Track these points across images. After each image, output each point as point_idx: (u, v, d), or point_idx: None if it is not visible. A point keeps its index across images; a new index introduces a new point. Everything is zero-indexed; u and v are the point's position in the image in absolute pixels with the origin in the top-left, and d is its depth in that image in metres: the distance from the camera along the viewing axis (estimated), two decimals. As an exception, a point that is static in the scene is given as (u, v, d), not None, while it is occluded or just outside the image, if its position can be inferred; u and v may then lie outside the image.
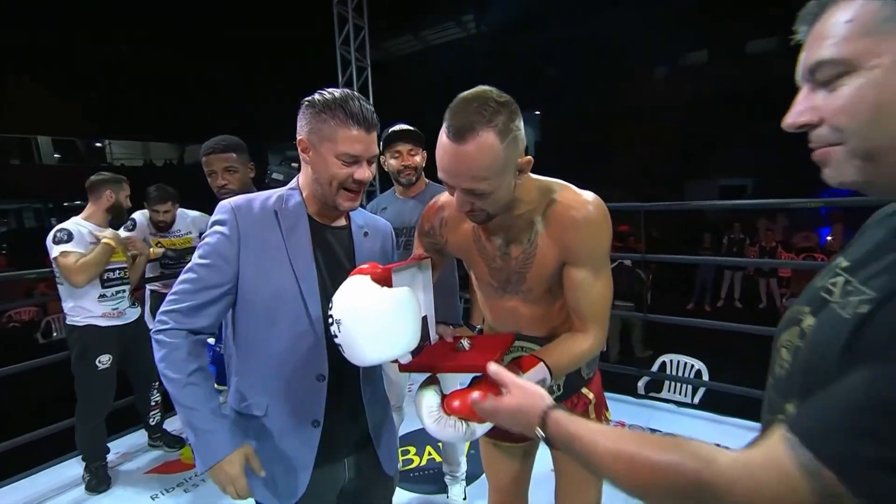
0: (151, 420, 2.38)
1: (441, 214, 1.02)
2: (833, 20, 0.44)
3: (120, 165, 14.35)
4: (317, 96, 0.93)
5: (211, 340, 1.77)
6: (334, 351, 0.85)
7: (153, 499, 2.03)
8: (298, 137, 0.95)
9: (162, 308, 0.93)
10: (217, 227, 0.95)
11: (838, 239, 7.66)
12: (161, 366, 0.91)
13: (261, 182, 1.74)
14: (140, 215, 2.63)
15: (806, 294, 0.55)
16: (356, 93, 0.95)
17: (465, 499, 1.87)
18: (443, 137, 0.80)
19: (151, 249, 2.52)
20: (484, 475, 1.24)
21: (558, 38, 10.00)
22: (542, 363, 0.86)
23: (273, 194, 0.99)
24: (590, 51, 10.01)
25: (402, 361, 0.83)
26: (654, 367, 3.21)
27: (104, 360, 2.10)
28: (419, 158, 1.76)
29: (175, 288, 0.93)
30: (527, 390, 0.69)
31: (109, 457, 2.27)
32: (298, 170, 1.02)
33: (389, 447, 1.10)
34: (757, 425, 0.64)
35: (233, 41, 11.67)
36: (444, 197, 1.02)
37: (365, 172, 0.93)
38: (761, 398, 0.59)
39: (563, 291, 0.94)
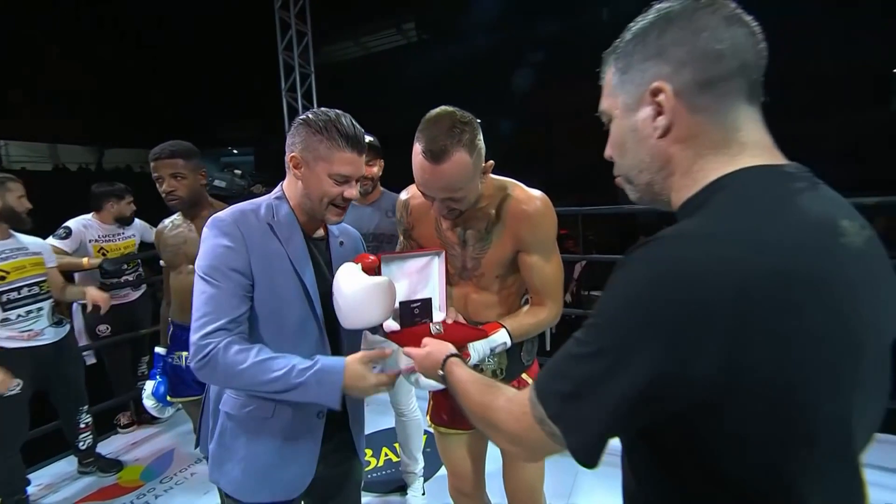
0: (82, 444, 2.19)
1: (407, 205, 1.19)
2: (604, 80, 0.61)
3: (20, 169, 12.86)
4: (312, 116, 0.98)
5: (161, 351, 1.70)
6: (335, 345, 1.01)
7: (88, 528, 1.90)
8: (290, 153, 0.99)
9: (199, 333, 0.90)
10: (219, 241, 0.94)
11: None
12: (221, 378, 0.92)
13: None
14: (78, 223, 2.44)
15: None
16: (347, 114, 0.99)
17: (423, 494, 1.92)
18: (419, 157, 0.95)
19: (85, 260, 2.35)
20: (440, 471, 1.32)
21: (495, 46, 10.35)
22: (503, 328, 1.03)
23: (261, 205, 1.02)
24: (525, 59, 10.47)
25: (386, 329, 1.03)
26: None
27: (11, 387, 1.85)
28: (376, 169, 1.78)
29: (201, 310, 0.92)
30: (438, 343, 0.87)
31: (31, 489, 2.08)
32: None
33: (360, 433, 1.16)
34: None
35: (167, 40, 10.99)
36: (410, 190, 1.17)
37: (353, 191, 0.99)
38: None
39: (519, 275, 1.11)
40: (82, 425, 2.18)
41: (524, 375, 1.20)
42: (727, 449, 0.46)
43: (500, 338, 1.03)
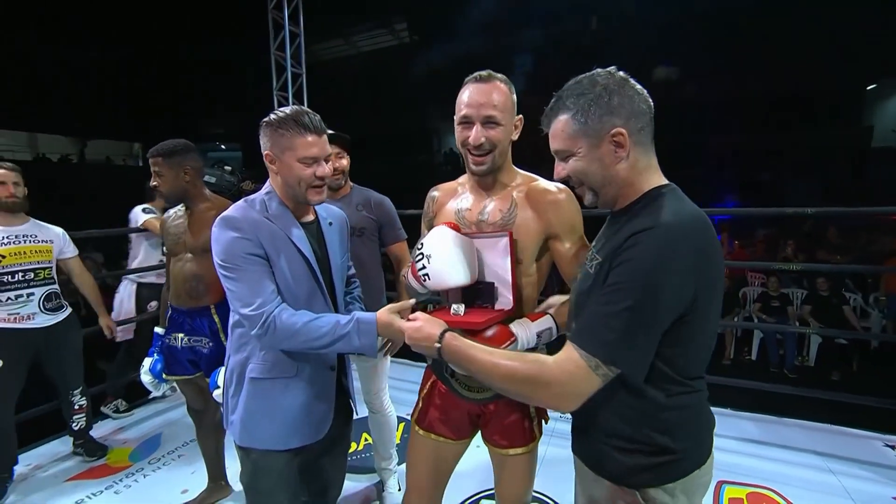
0: (75, 424, 2.27)
1: (434, 198, 1.25)
2: (555, 128, 0.87)
3: (-2, 157, 12.55)
4: (272, 116, 1.13)
5: (160, 331, 1.81)
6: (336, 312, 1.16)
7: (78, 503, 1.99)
8: (264, 152, 1.14)
9: (248, 309, 1.05)
10: (233, 234, 1.08)
11: (724, 245, 8.92)
12: (282, 339, 1.06)
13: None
14: None
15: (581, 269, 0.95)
16: (303, 106, 1.16)
17: (399, 490, 1.97)
18: (466, 86, 1.06)
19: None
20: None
21: (483, 51, 10.52)
22: (548, 315, 1.04)
23: (255, 202, 1.15)
24: (515, 63, 10.68)
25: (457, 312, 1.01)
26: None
27: None
28: (346, 162, 1.79)
29: (238, 292, 1.07)
30: (430, 318, 0.94)
31: (22, 468, 2.16)
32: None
33: (355, 398, 1.36)
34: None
35: (157, 33, 10.90)
36: (438, 187, 1.26)
37: (324, 169, 1.14)
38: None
39: (539, 268, 1.11)
40: (76, 406, 2.26)
41: None
42: (683, 343, 0.77)
43: (546, 323, 1.02)
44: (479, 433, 1.23)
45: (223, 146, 15.42)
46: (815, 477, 2.03)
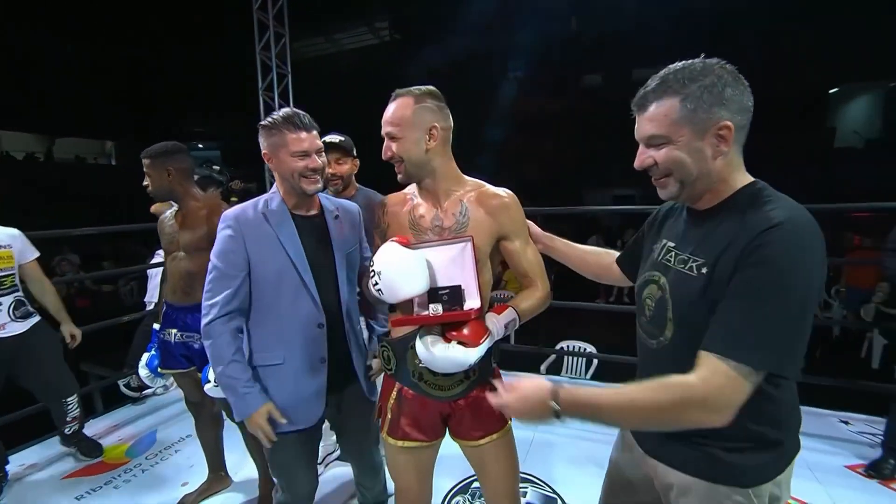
0: (67, 430, 2.24)
1: (384, 204, 1.26)
2: (656, 111, 0.81)
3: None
4: (267, 120, 1.24)
5: (157, 327, 1.85)
6: (328, 306, 1.25)
7: (78, 499, 2.01)
8: (262, 152, 1.26)
9: (204, 302, 1.23)
10: (225, 232, 1.24)
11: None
12: (210, 350, 1.22)
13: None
14: None
15: (651, 266, 0.95)
16: (294, 108, 1.26)
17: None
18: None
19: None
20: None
21: (468, 53, 10.62)
22: (510, 307, 1.10)
23: (259, 201, 1.29)
24: (496, 67, 10.82)
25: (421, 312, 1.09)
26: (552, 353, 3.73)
27: None
28: (346, 167, 1.87)
29: (207, 286, 1.24)
30: (528, 381, 0.83)
31: (17, 468, 2.17)
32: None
33: (369, 380, 1.43)
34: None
35: (134, 35, 10.60)
36: (389, 196, 1.28)
37: (316, 162, 1.24)
38: (636, 365, 1.00)
39: (489, 268, 1.15)
40: (69, 418, 2.19)
41: (492, 380, 1.17)
42: None
43: (511, 314, 1.09)
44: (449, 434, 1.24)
45: (200, 145, 15.15)
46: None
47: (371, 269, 1.07)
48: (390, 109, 1.12)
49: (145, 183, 1.70)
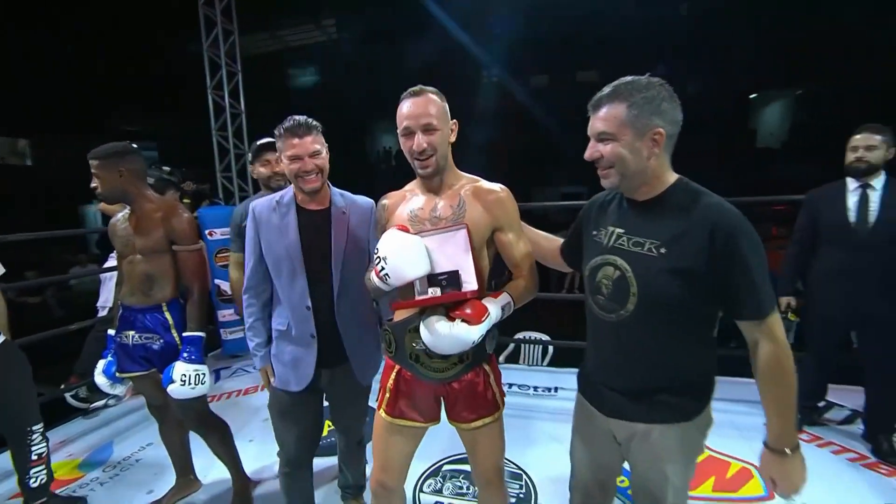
0: (33, 481, 1.83)
1: (382, 203, 1.33)
2: (607, 112, 0.99)
3: None
4: (277, 129, 1.42)
5: (112, 332, 1.80)
6: (315, 291, 1.43)
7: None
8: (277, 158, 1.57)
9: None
10: (249, 222, 1.49)
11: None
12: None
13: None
14: None
15: (603, 251, 1.08)
16: (299, 116, 1.41)
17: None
18: (405, 100, 1.19)
19: None
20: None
21: (416, 50, 10.70)
22: (505, 292, 1.18)
23: (280, 194, 1.50)
24: (443, 66, 10.98)
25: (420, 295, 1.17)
26: (511, 343, 3.91)
27: None
28: (279, 167, 1.95)
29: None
30: (794, 470, 0.97)
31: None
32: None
33: (364, 364, 1.55)
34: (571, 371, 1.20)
35: (64, 27, 9.72)
36: (386, 195, 1.35)
37: (306, 165, 1.39)
38: (585, 350, 1.20)
39: (487, 260, 1.23)
40: (34, 457, 1.82)
41: (486, 366, 1.26)
42: None
43: (506, 298, 1.16)
44: (443, 416, 1.31)
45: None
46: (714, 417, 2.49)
47: (376, 256, 1.14)
48: (423, 104, 1.17)
49: (94, 185, 1.65)
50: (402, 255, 1.11)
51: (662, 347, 1.02)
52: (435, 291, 1.14)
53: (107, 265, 3.11)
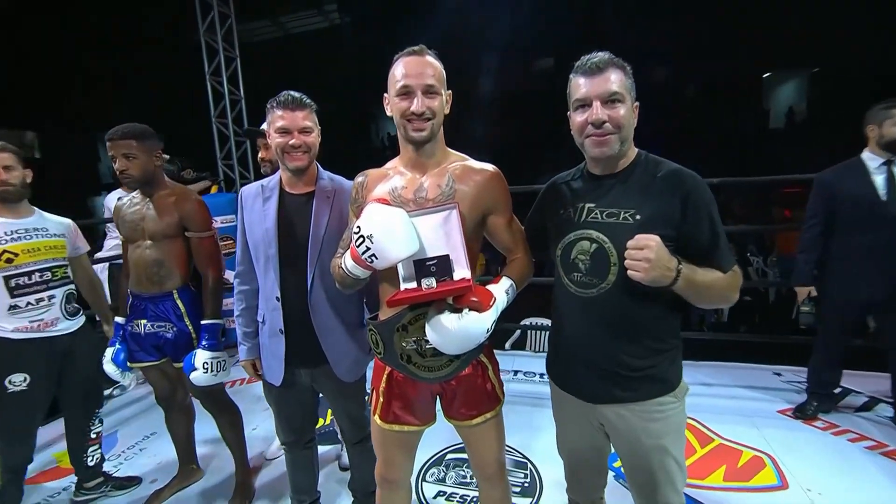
0: (90, 460, 1.91)
1: (358, 180, 1.20)
2: (615, 75, 0.99)
3: None
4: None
5: (121, 320, 1.78)
6: (287, 281, 1.31)
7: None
8: (265, 131, 1.39)
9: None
10: (240, 208, 1.44)
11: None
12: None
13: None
14: None
15: (574, 227, 1.07)
16: (294, 92, 1.33)
17: None
18: (402, 58, 1.07)
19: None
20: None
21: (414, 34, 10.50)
22: (504, 276, 1.10)
23: (268, 178, 1.44)
24: (445, 50, 10.76)
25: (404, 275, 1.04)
26: (517, 329, 3.87)
27: (16, 381, 1.65)
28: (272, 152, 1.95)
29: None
30: (659, 245, 0.95)
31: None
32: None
33: (347, 362, 1.42)
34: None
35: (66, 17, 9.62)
36: (364, 172, 1.22)
37: (295, 140, 1.31)
38: (550, 337, 1.21)
39: (475, 247, 1.13)
40: (93, 435, 1.92)
41: (483, 358, 1.18)
42: None
43: (507, 282, 1.08)
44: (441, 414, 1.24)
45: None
46: (720, 403, 2.44)
47: (356, 236, 1.00)
48: (425, 64, 1.06)
49: (124, 167, 1.58)
50: (389, 232, 0.97)
51: (644, 316, 1.02)
52: (429, 283, 1.01)
53: (103, 255, 3.09)
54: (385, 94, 1.12)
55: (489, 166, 1.14)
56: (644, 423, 1.04)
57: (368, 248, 0.98)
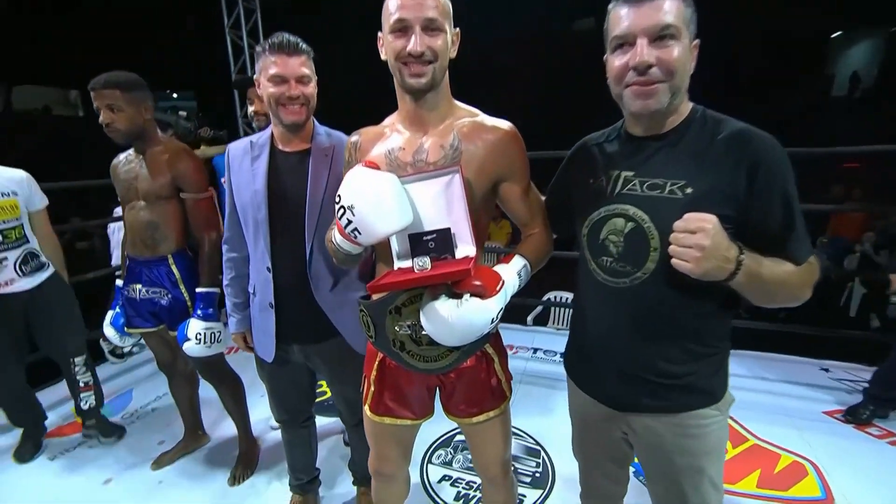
0: (84, 403, 1.99)
1: (352, 140, 1.05)
2: (668, 3, 0.74)
3: None
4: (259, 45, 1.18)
5: (120, 283, 1.73)
6: (281, 249, 1.18)
7: (51, 460, 1.96)
8: (255, 79, 1.20)
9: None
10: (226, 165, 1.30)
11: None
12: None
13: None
14: None
15: (607, 201, 0.86)
16: (289, 35, 1.15)
17: None
18: None
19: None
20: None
21: None
22: (517, 254, 0.94)
23: (258, 135, 1.28)
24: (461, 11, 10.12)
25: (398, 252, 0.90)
26: (539, 305, 3.71)
27: None
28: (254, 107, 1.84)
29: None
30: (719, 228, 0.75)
31: None
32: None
33: (357, 332, 1.20)
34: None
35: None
36: (358, 132, 1.05)
37: (293, 90, 1.14)
38: (571, 325, 1.02)
39: (484, 218, 0.98)
40: (81, 384, 1.96)
41: (489, 349, 1.03)
42: None
43: (520, 261, 0.92)
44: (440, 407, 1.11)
45: (175, 94, 14.26)
46: (757, 399, 2.23)
47: (338, 206, 0.84)
48: None
49: (107, 120, 1.46)
50: (375, 202, 0.81)
51: (686, 315, 0.83)
52: (423, 262, 0.84)
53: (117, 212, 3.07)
54: (379, 34, 0.92)
55: (504, 123, 0.95)
56: (678, 440, 0.87)
57: (350, 221, 0.83)
